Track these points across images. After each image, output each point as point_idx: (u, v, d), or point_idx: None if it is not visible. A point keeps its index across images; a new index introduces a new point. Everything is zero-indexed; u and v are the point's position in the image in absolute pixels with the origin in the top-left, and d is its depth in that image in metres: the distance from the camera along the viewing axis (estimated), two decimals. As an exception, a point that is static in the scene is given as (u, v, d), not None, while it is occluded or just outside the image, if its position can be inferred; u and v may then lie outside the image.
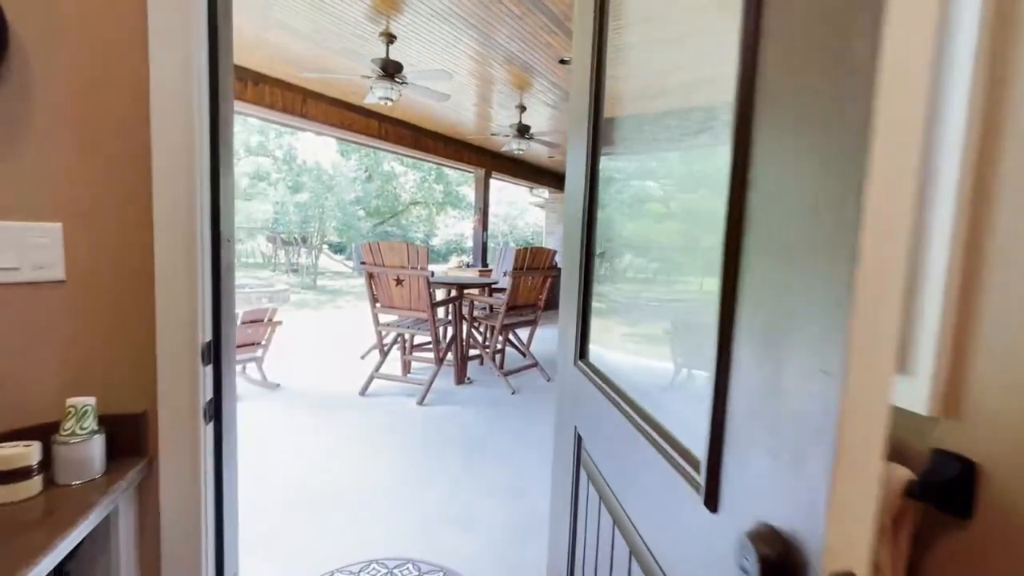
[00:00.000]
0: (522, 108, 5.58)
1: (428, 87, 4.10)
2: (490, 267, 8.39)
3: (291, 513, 2.38)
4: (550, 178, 10.47)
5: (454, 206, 23.73)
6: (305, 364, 5.41)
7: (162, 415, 1.02)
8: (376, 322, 4.31)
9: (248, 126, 19.28)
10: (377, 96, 3.86)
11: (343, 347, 6.34)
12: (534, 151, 8.30)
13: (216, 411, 1.10)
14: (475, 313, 4.97)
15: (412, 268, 3.93)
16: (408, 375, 4.86)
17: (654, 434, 0.68)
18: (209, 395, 1.08)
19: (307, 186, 17.41)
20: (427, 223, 29.15)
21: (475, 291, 5.21)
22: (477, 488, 2.70)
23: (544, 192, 11.47)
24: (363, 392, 4.24)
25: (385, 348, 4.41)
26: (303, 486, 2.65)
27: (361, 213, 19.11)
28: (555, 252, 4.74)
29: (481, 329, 5.38)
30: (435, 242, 32.28)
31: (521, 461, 3.06)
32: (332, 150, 21.65)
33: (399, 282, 4.04)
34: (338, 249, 24.10)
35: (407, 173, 23.85)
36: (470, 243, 25.03)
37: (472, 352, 4.98)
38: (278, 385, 4.37)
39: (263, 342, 4.35)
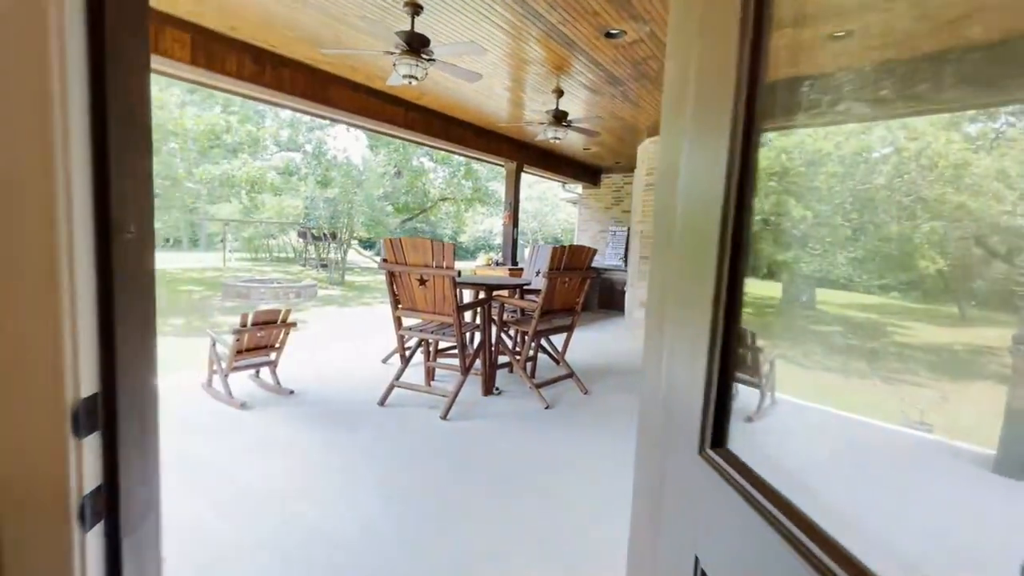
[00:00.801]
0: (559, 92, 5.10)
1: (457, 64, 3.67)
2: (520, 266, 7.95)
3: (276, 565, 2.00)
4: (584, 172, 9.95)
5: (483, 202, 23.38)
6: (325, 366, 5.09)
7: (7, 520, 0.61)
8: (398, 326, 3.93)
9: (279, 120, 19.34)
10: (401, 75, 3.46)
11: (366, 347, 6.01)
12: (569, 142, 7.81)
13: (109, 507, 0.69)
14: (505, 317, 4.54)
15: (436, 267, 3.52)
16: (432, 383, 4.47)
17: None
18: (95, 482, 0.67)
19: (336, 181, 17.31)
20: (456, 219, 28.93)
21: (505, 292, 4.78)
22: (508, 533, 2.27)
23: (578, 187, 10.95)
24: (382, 403, 3.86)
25: (407, 354, 4.02)
26: (297, 525, 2.27)
27: (390, 209, 18.95)
28: (595, 251, 4.26)
29: (511, 333, 4.95)
30: (463, 239, 32.05)
31: (560, 493, 2.62)
32: (362, 145, 21.59)
33: (422, 282, 3.64)
34: (367, 245, 24.11)
35: (436, 169, 23.62)
36: (499, 240, 24.62)
37: (501, 359, 4.55)
38: (292, 392, 4.04)
39: (277, 345, 4.02)
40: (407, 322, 4.09)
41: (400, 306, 3.87)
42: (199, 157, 11.29)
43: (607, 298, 9.31)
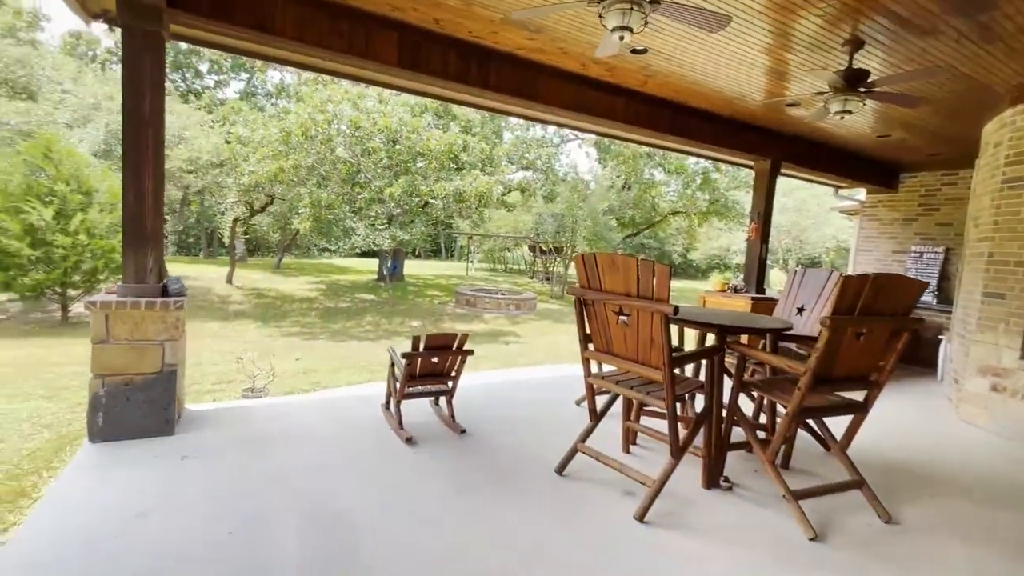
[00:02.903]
0: (855, 43, 3.40)
1: (697, 3, 2.52)
2: (769, 295, 6.10)
3: None
4: (873, 171, 7.31)
5: (720, 215, 20.67)
6: (514, 394, 4.46)
7: None
8: (587, 371, 2.94)
9: (519, 139, 20.55)
10: (611, 28, 2.51)
11: (566, 378, 5.20)
12: (853, 127, 5.66)
13: None
14: (747, 371, 3.13)
15: (642, 297, 2.43)
16: (632, 447, 3.36)
17: None
18: None
19: (563, 195, 17.39)
20: (687, 235, 26.51)
21: (746, 338, 3.36)
22: None
23: (859, 192, 8.22)
24: (560, 470, 2.93)
25: (598, 408, 3.01)
26: None
27: (613, 223, 18.19)
28: (924, 286, 2.53)
29: (754, 394, 3.48)
30: (694, 256, 29.24)
31: None
32: (591, 159, 21.45)
33: (622, 315, 2.59)
34: (590, 260, 23.83)
35: (670, 182, 21.95)
36: (736, 259, 21.44)
37: (735, 429, 3.15)
38: (463, 431, 3.45)
39: (452, 373, 3.49)
40: (602, 366, 3.09)
41: (591, 346, 2.88)
42: (441, 174, 12.46)
43: (906, 348, 6.53)
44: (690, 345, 4.78)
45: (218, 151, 12.77)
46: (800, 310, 3.72)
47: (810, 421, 3.00)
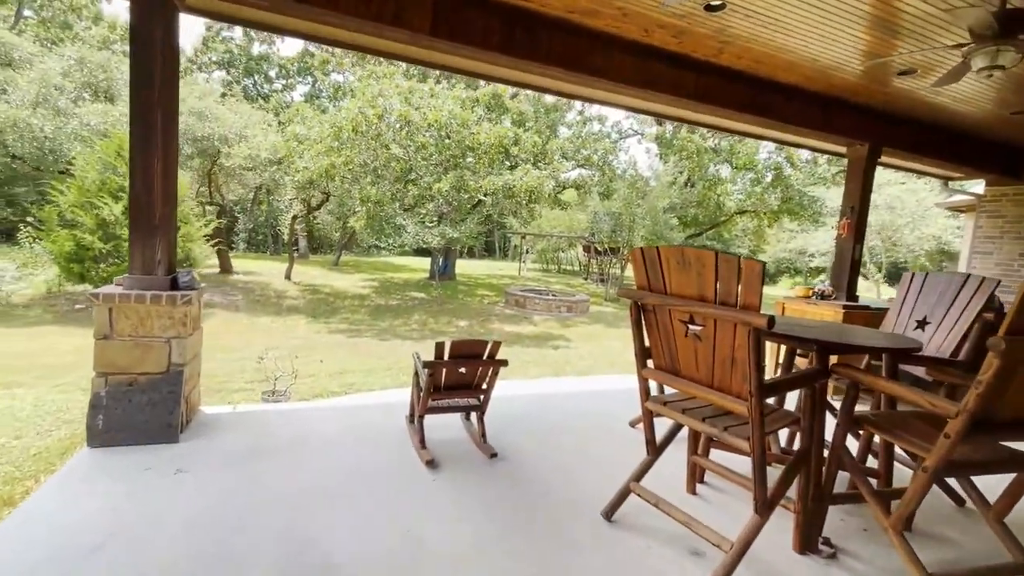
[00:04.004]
0: (1013, -23, 2.59)
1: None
2: (866, 303, 5.20)
3: None
4: (995, 158, 6.14)
5: (793, 215, 19.01)
6: (560, 407, 3.92)
7: None
8: (645, 392, 2.36)
9: (575, 140, 19.87)
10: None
11: (622, 391, 4.60)
12: (978, 100, 4.66)
13: None
14: (847, 404, 2.43)
15: (722, 304, 1.83)
16: (698, 487, 2.73)
17: None
18: None
19: (620, 193, 16.55)
20: (755, 236, 24.80)
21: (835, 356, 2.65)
22: None
23: (975, 185, 7.00)
24: (609, 514, 2.37)
25: (657, 441, 2.42)
26: None
27: (674, 222, 17.13)
28: None
29: (861, 432, 2.75)
30: (762, 259, 27.31)
31: None
32: (651, 155, 20.41)
33: (691, 325, 1.99)
34: (648, 261, 22.76)
35: (736, 179, 20.51)
36: (814, 262, 19.65)
37: (837, 478, 2.45)
38: (494, 455, 2.95)
39: (484, 386, 3.01)
40: (662, 387, 2.50)
41: (650, 363, 2.30)
42: (491, 169, 12.07)
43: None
44: (768, 361, 4.02)
45: (275, 148, 13.08)
46: (921, 324, 2.94)
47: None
